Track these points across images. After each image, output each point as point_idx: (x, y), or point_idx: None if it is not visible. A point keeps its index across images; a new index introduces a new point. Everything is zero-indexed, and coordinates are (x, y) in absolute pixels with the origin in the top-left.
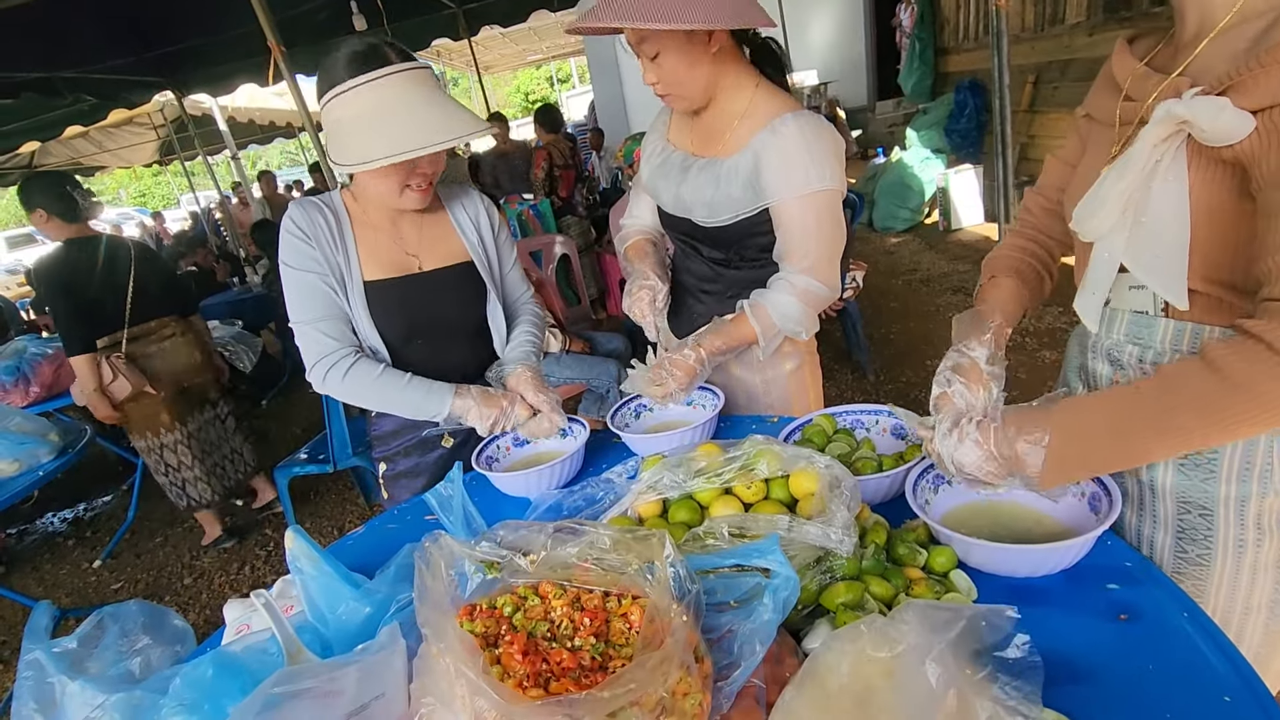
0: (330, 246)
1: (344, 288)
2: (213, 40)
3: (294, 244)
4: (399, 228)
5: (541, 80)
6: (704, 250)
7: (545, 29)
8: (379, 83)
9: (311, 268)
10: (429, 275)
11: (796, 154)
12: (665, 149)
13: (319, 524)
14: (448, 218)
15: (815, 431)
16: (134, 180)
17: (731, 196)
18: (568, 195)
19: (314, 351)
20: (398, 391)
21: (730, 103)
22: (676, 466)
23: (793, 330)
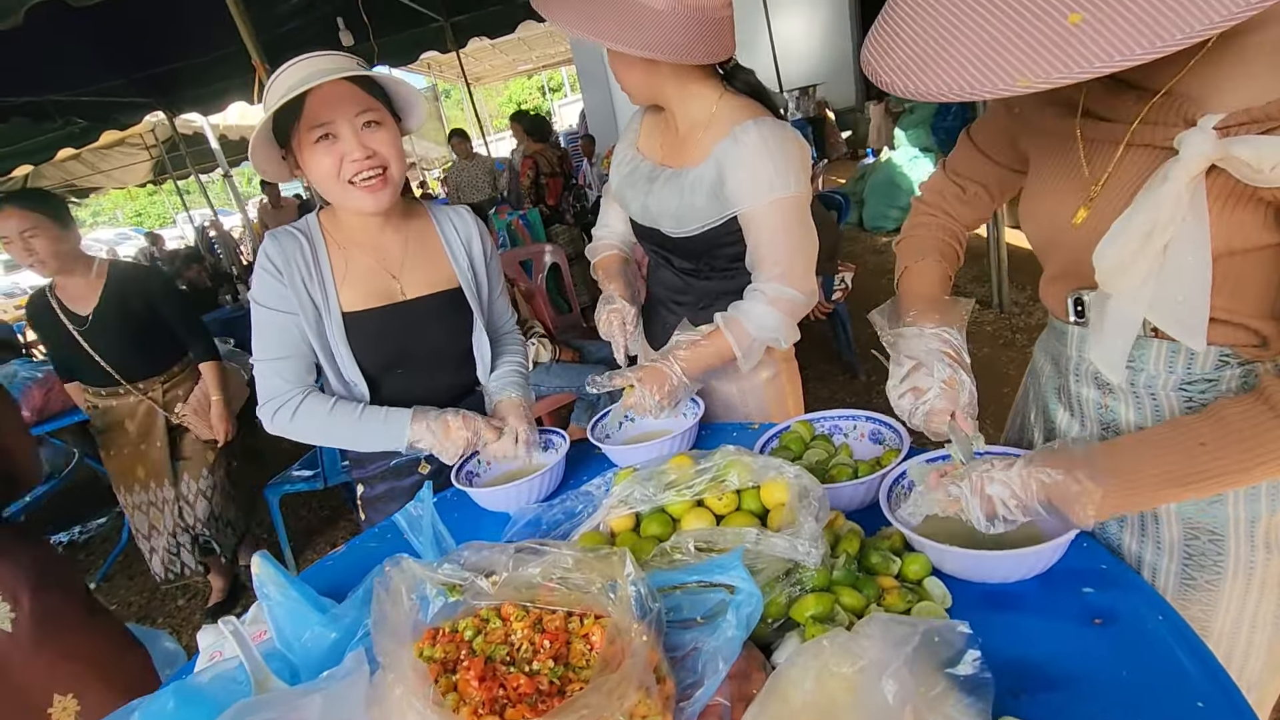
0: (306, 277)
1: (320, 320)
2: (201, 60)
3: (265, 280)
4: (381, 246)
5: (533, 90)
6: (674, 260)
7: (535, 39)
8: (296, 66)
9: (279, 305)
10: (412, 304)
11: (759, 161)
12: (634, 158)
13: (313, 541)
14: (436, 237)
15: (792, 438)
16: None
17: (696, 206)
18: (555, 203)
19: (265, 391)
20: (351, 425)
21: (694, 113)
22: (647, 480)
23: (771, 339)
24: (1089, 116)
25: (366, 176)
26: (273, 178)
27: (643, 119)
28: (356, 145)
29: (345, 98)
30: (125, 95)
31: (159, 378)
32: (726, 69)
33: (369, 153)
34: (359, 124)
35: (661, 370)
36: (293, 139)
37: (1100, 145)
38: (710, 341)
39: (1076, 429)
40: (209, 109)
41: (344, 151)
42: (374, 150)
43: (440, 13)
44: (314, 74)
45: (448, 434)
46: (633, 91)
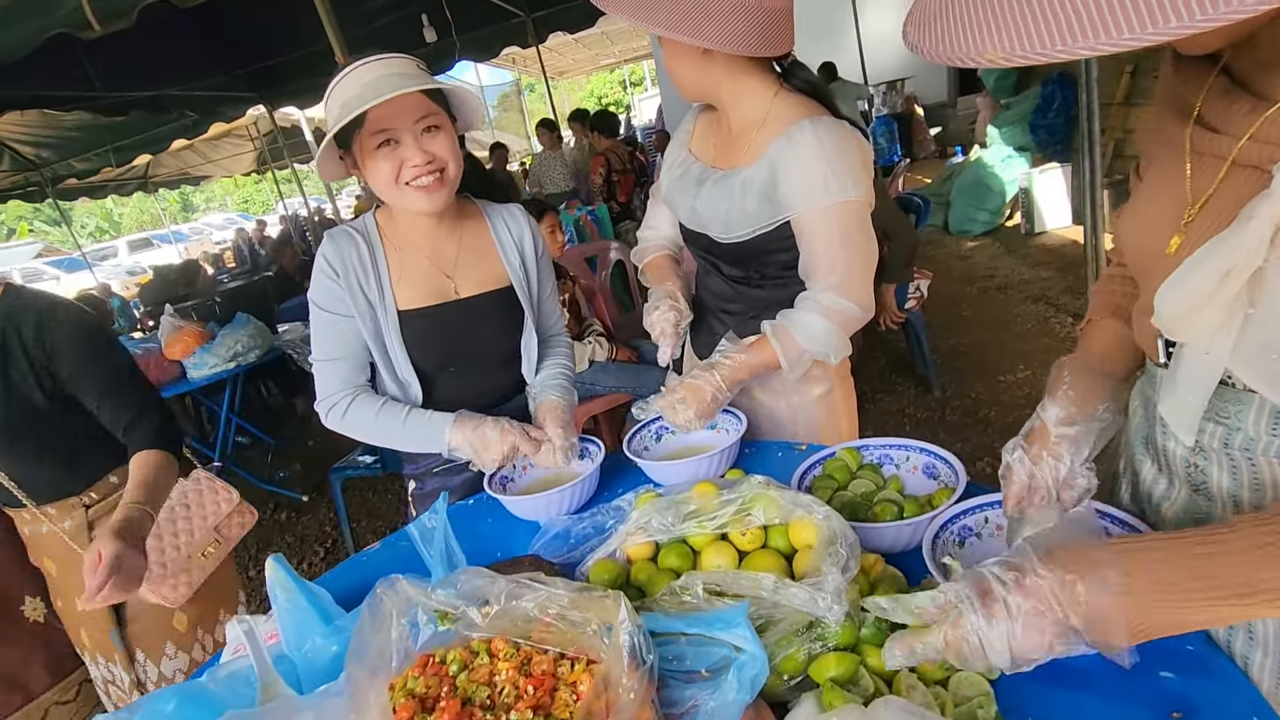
0: (362, 278)
1: (376, 319)
2: (298, 56)
3: (323, 282)
4: (436, 245)
5: (614, 84)
6: (723, 268)
7: (617, 33)
8: (358, 71)
9: (336, 309)
10: (466, 302)
11: (815, 163)
12: (686, 159)
13: (373, 523)
14: (489, 235)
15: (837, 467)
16: (238, 188)
17: (746, 210)
18: (626, 200)
19: (321, 390)
20: (396, 427)
21: (748, 112)
22: (667, 509)
23: (820, 353)
24: (1201, 125)
25: (424, 179)
26: (330, 178)
27: (696, 119)
28: (417, 150)
29: (407, 106)
30: (230, 90)
31: (78, 495)
32: (784, 65)
33: (429, 157)
34: (419, 130)
35: (701, 386)
36: (353, 143)
37: (1207, 161)
38: (755, 351)
39: (1163, 486)
40: (305, 102)
41: (405, 157)
42: (433, 154)
43: (522, 8)
44: (376, 82)
45: (486, 447)
46: (685, 86)
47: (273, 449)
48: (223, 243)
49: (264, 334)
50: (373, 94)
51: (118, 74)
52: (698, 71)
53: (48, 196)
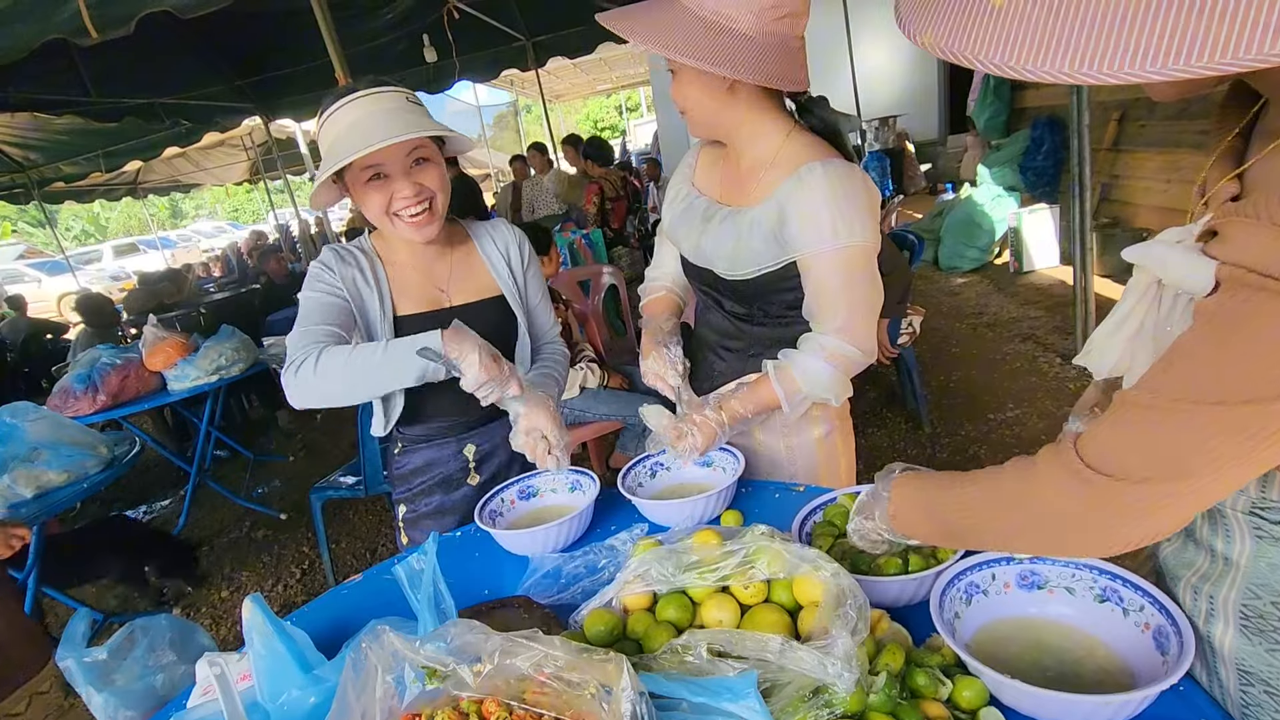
0: (363, 286)
1: (374, 323)
2: (297, 69)
3: (317, 274)
4: (429, 264)
5: (611, 109)
6: (726, 304)
7: (615, 59)
8: (346, 107)
9: (330, 291)
10: (459, 309)
11: (824, 205)
12: (689, 194)
13: (352, 545)
14: (476, 253)
15: (838, 512)
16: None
17: (753, 249)
18: (620, 226)
19: (292, 353)
20: (375, 359)
21: (761, 150)
22: (667, 558)
23: (820, 396)
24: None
25: (414, 212)
26: (323, 207)
27: (699, 153)
28: (407, 183)
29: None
30: (226, 100)
31: None
32: (799, 103)
33: (418, 189)
34: (409, 163)
35: (704, 420)
36: (345, 174)
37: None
38: (757, 389)
39: None
40: (301, 115)
41: (395, 189)
42: (422, 185)
43: (522, 32)
44: (365, 121)
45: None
46: (701, 121)
47: (251, 464)
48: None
49: (248, 347)
50: (360, 138)
51: (114, 80)
52: (719, 105)
53: (33, 199)
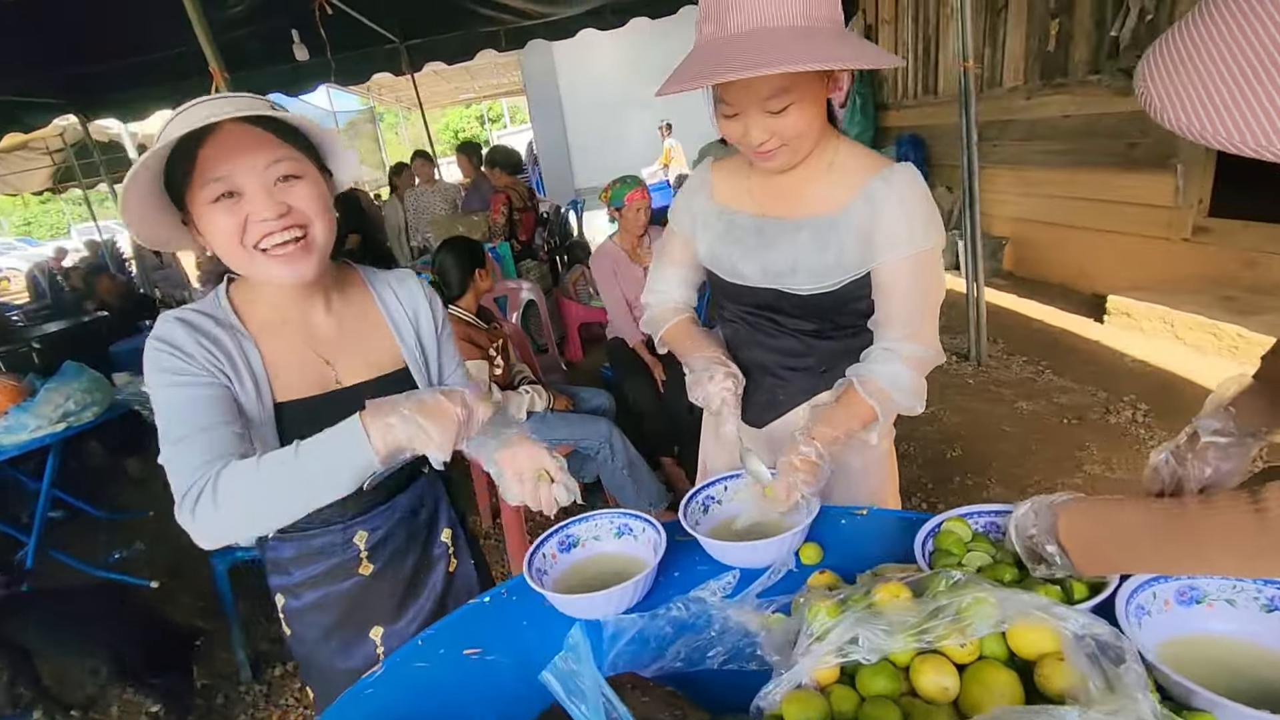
0: (227, 368)
1: (249, 416)
2: (128, 64)
3: (165, 362)
4: (309, 324)
5: (471, 118)
6: (789, 322)
7: (479, 68)
8: (187, 112)
9: (193, 382)
10: (351, 391)
11: (915, 205)
12: (723, 213)
13: (253, 608)
14: (375, 309)
15: (952, 540)
16: (18, 209)
17: (843, 258)
18: (528, 238)
19: (179, 483)
20: (291, 472)
21: (816, 155)
22: (871, 621)
23: (909, 405)
24: None
25: (280, 241)
26: (157, 245)
27: (711, 169)
28: (267, 203)
29: (250, 145)
30: (35, 95)
31: None
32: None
33: (282, 210)
34: (270, 178)
35: (808, 455)
36: (187, 198)
37: None
38: (845, 408)
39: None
40: (129, 115)
41: (249, 211)
42: (289, 207)
43: (396, 34)
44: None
45: (430, 413)
46: (806, 147)
47: (101, 524)
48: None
49: (101, 387)
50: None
51: None
52: (821, 121)
53: None
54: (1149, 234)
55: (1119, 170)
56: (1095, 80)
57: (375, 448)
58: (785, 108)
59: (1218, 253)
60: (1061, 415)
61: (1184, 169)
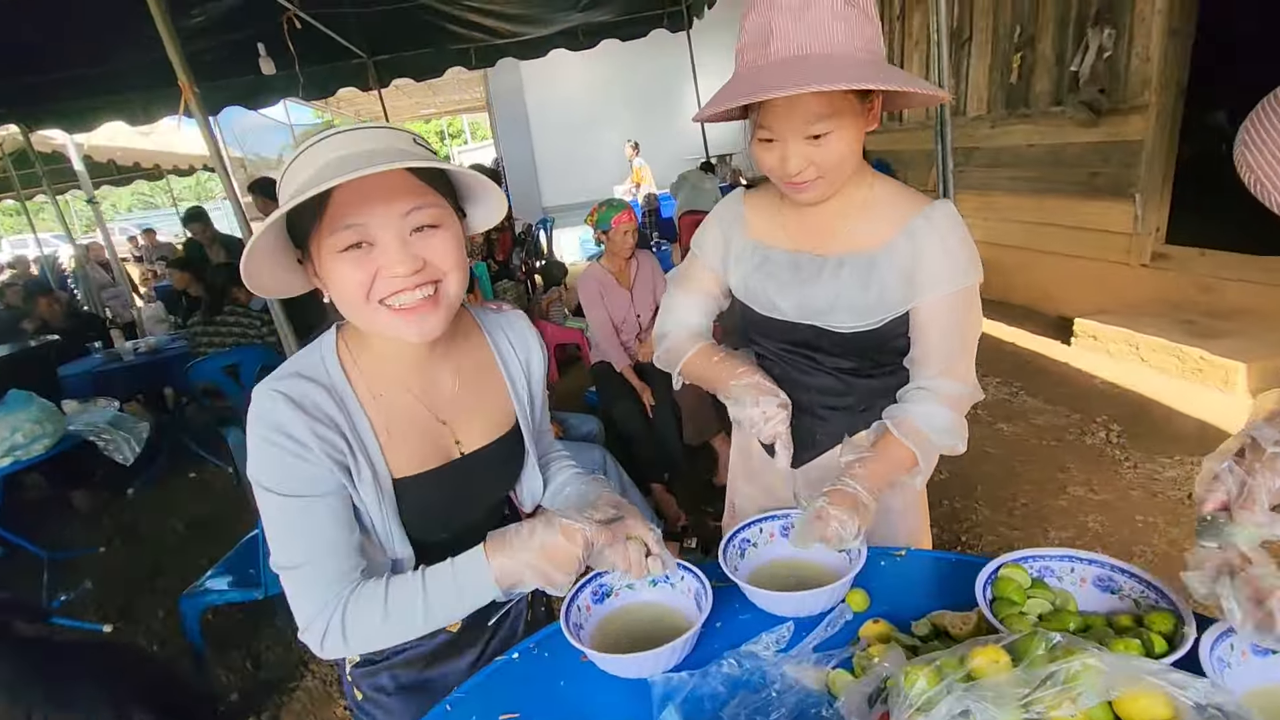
0: (342, 447)
1: (359, 488)
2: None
3: (281, 461)
4: (427, 381)
5: (431, 134)
6: (827, 360)
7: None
8: (322, 145)
9: (303, 489)
10: (470, 460)
11: (956, 244)
12: (757, 247)
13: (224, 657)
14: (493, 360)
15: (1012, 587)
16: None
17: (885, 296)
18: (505, 258)
19: (304, 612)
20: (419, 608)
21: (852, 192)
22: (971, 694)
23: (949, 445)
24: None
25: (409, 301)
26: (270, 292)
27: (744, 202)
28: (401, 256)
29: (388, 191)
30: None
31: None
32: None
33: (418, 265)
34: (407, 228)
35: (848, 494)
36: (311, 240)
37: None
38: (885, 453)
39: None
40: (75, 126)
41: (382, 264)
42: (426, 261)
43: (363, 50)
44: (346, 161)
45: (553, 556)
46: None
47: (46, 563)
48: None
49: (52, 417)
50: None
51: None
52: (857, 147)
53: None
54: (1110, 259)
55: (1081, 198)
56: (1058, 111)
57: (499, 589)
58: (824, 135)
59: (1176, 278)
60: (1040, 436)
61: (1142, 198)
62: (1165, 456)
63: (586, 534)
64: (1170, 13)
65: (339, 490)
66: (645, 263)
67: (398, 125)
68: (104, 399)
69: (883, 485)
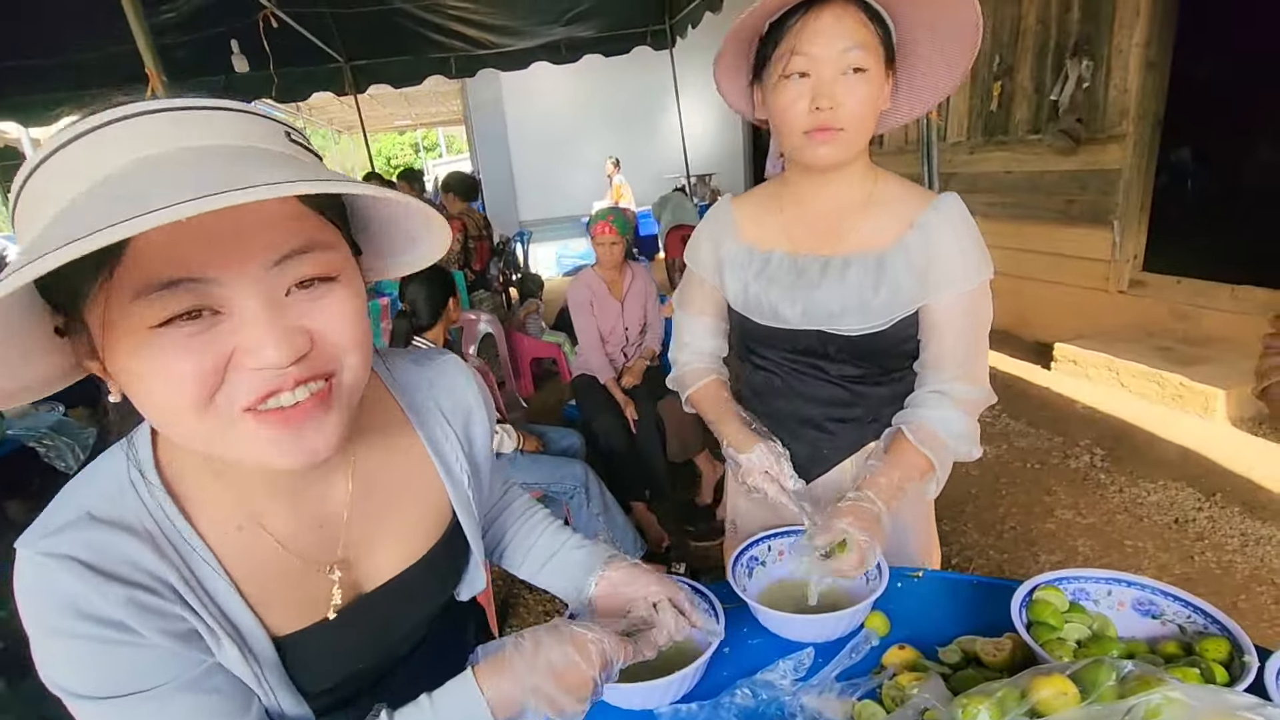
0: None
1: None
2: (34, 64)
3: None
4: (303, 507)
5: (405, 146)
6: (832, 369)
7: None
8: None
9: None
10: (383, 592)
11: (966, 238)
12: (754, 252)
13: None
14: (419, 448)
15: (1048, 611)
16: None
17: (897, 295)
18: (482, 268)
19: None
20: None
21: (855, 189)
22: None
23: (966, 451)
24: None
25: (290, 397)
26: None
27: (732, 208)
28: (273, 332)
29: (252, 222)
30: None
31: None
32: None
33: (300, 347)
34: (281, 284)
35: (867, 509)
36: (88, 302)
37: None
38: (898, 462)
39: None
40: (32, 120)
41: (238, 345)
42: (312, 337)
43: (342, 54)
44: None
45: (567, 684)
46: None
47: None
48: None
49: None
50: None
51: None
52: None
53: None
54: (1088, 285)
55: (1059, 224)
56: (1036, 140)
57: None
58: (859, 73)
59: (1152, 305)
60: (1024, 459)
61: (1120, 225)
62: (1149, 481)
63: (606, 650)
64: (1148, 46)
65: (194, 666)
66: (639, 275)
67: (253, 109)
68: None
69: (899, 496)
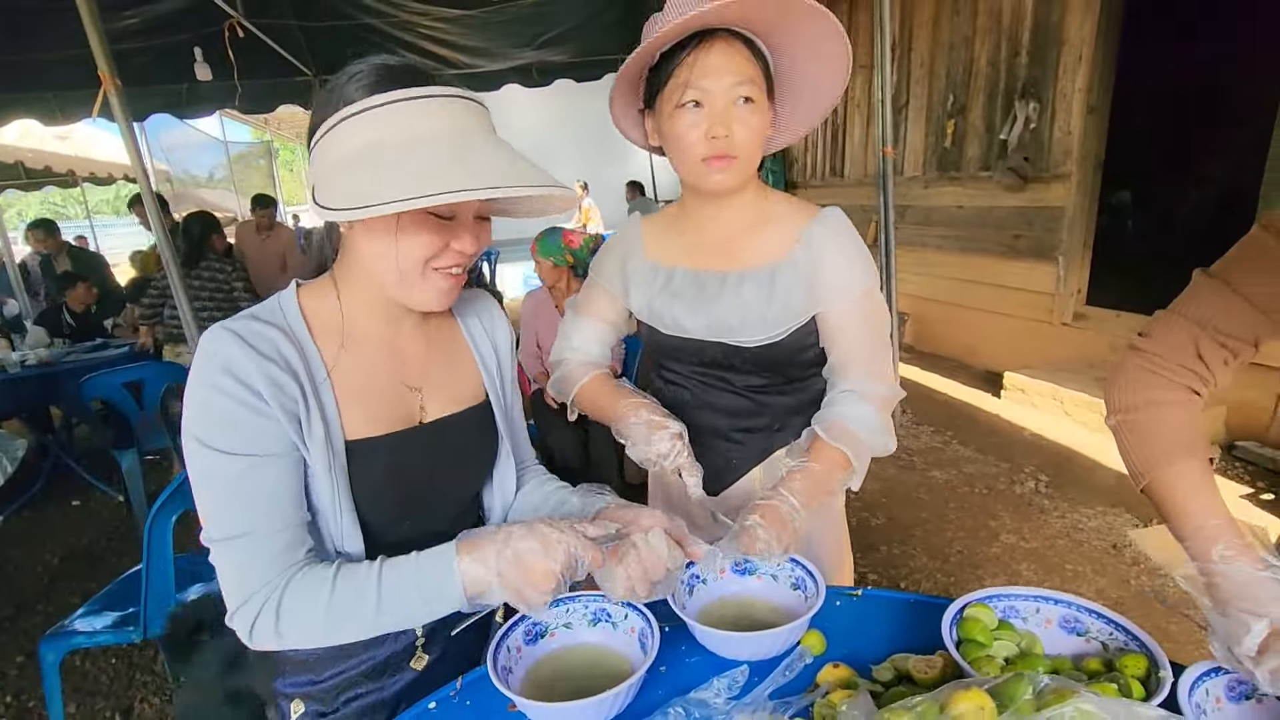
0: (298, 401)
1: (308, 455)
2: None
3: (231, 411)
4: (397, 345)
5: None
6: (737, 380)
7: None
8: (417, 104)
9: (256, 447)
10: (435, 427)
11: (850, 247)
12: (658, 269)
13: (90, 708)
14: (460, 334)
15: (978, 628)
16: None
17: (790, 305)
18: None
19: (235, 592)
20: (370, 602)
21: (745, 207)
22: None
23: (883, 445)
24: None
25: (459, 272)
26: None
27: (641, 227)
28: (471, 238)
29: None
30: None
31: None
32: None
33: (476, 249)
34: (474, 213)
35: (777, 506)
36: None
37: None
38: (817, 458)
39: None
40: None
41: (454, 239)
42: (481, 244)
43: (310, 67)
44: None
45: (525, 569)
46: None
47: None
48: None
49: None
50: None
51: None
52: (762, 141)
53: None
54: (1034, 318)
55: (1006, 258)
56: (987, 176)
57: (467, 590)
58: (750, 103)
59: (1094, 337)
60: (971, 484)
61: (1065, 260)
62: (1087, 507)
63: (571, 549)
64: (1089, 91)
65: (291, 452)
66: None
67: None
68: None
69: (820, 494)
